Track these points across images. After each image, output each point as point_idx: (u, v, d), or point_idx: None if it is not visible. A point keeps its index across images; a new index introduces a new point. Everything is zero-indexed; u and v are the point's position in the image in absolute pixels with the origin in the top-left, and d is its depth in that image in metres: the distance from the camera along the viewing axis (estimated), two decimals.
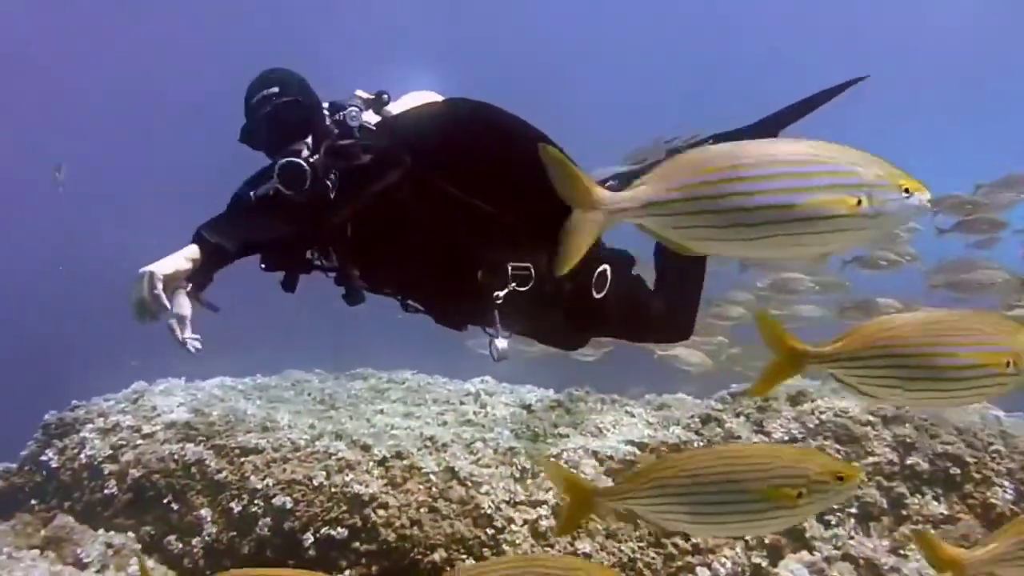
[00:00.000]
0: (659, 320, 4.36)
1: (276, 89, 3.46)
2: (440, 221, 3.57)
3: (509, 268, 3.66)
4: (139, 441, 5.53)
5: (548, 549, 4.87)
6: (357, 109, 3.52)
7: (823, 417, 5.54)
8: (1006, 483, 5.05)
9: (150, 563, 4.69)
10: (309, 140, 3.46)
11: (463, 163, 3.55)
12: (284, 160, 3.35)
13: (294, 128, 3.45)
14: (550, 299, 3.83)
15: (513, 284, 3.66)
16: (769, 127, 4.19)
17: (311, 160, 3.38)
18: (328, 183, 3.35)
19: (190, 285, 3.46)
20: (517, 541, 4.89)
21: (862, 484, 5.10)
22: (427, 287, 3.75)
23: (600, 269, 3.89)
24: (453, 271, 3.64)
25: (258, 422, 5.77)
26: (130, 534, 5.05)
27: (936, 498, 5.08)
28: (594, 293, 3.89)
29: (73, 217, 21.26)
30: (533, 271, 3.70)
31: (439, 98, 3.85)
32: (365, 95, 3.64)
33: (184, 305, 3.35)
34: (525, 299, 3.70)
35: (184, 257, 3.21)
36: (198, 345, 3.29)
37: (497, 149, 3.58)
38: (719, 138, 4.25)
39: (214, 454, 5.43)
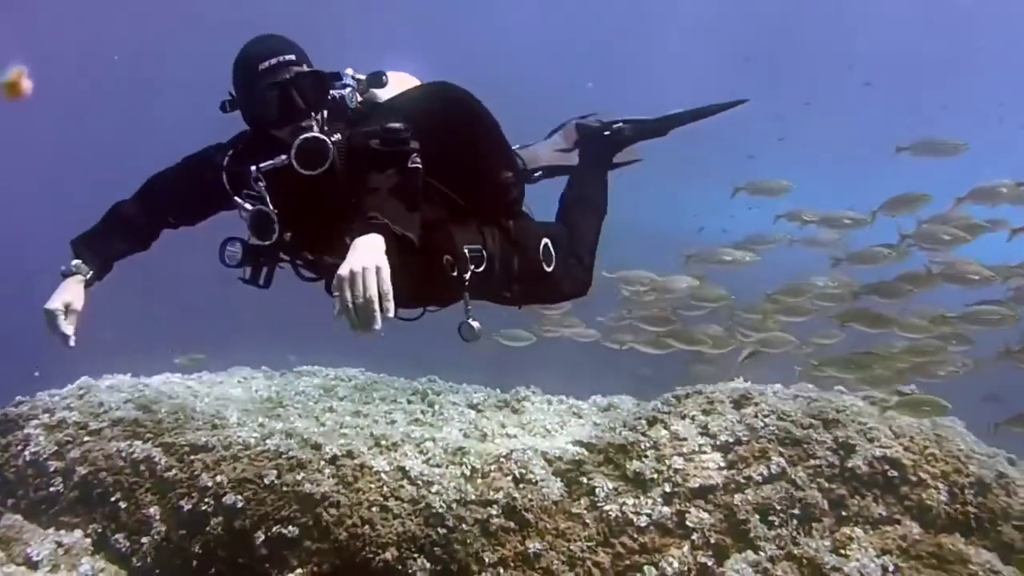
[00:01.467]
0: (579, 279, 4.51)
1: (292, 57, 3.34)
2: (426, 207, 3.55)
3: (467, 251, 3.71)
4: (86, 438, 5.46)
5: (499, 548, 4.93)
6: (351, 89, 3.49)
7: (766, 420, 5.66)
8: (940, 485, 5.22)
9: (100, 562, 4.64)
10: (320, 116, 3.36)
11: (442, 150, 3.51)
12: (309, 135, 3.26)
13: (312, 101, 3.34)
14: (505, 276, 3.91)
15: (472, 266, 3.71)
16: (667, 124, 4.89)
17: (333, 139, 3.30)
18: (417, 166, 3.23)
19: (91, 273, 3.48)
20: (468, 540, 4.93)
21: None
22: (407, 273, 3.70)
23: (544, 243, 4.03)
24: (428, 256, 3.66)
25: (207, 420, 5.74)
26: (77, 532, 4.98)
27: (875, 500, 5.23)
28: (544, 267, 4.01)
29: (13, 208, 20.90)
30: (484, 252, 3.76)
31: (416, 81, 3.86)
32: (357, 75, 3.58)
33: (78, 297, 3.33)
34: (483, 279, 3.76)
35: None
36: (72, 343, 3.26)
37: (468, 136, 3.65)
38: (629, 122, 4.88)
39: (163, 452, 5.39)
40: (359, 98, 3.58)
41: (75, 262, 3.49)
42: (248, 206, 3.49)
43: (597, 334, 8.67)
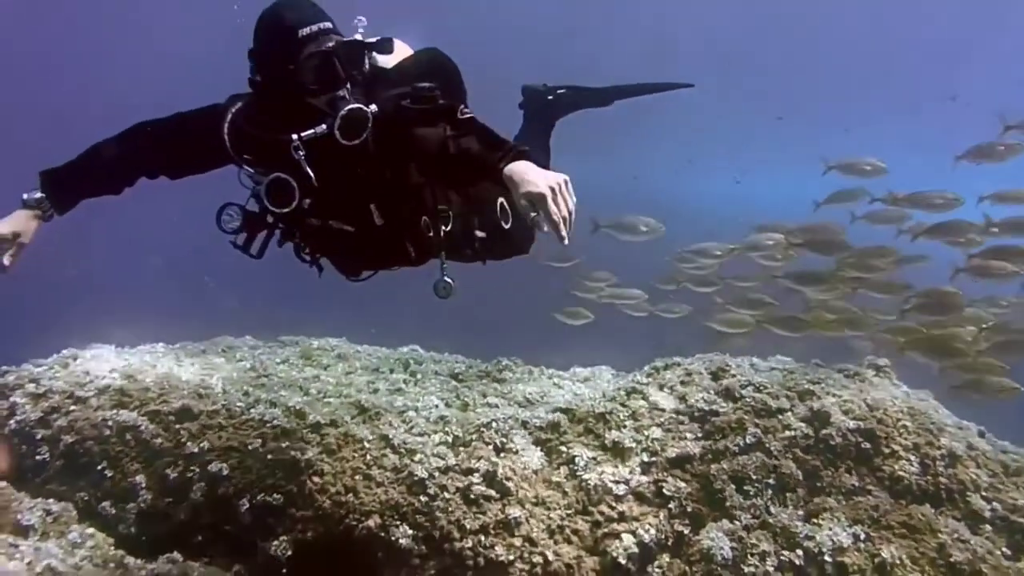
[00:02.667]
0: (527, 238, 4.70)
1: (329, 24, 3.38)
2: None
3: (438, 210, 3.82)
4: (72, 407, 5.47)
5: (480, 516, 5.01)
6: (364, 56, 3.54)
7: (743, 392, 5.76)
8: (912, 457, 5.33)
9: (88, 529, 4.70)
10: (348, 86, 3.43)
11: None
12: (353, 107, 3.33)
13: (349, 71, 3.41)
14: (466, 235, 3.99)
15: (443, 226, 3.81)
16: (611, 94, 5.25)
17: (371, 109, 3.37)
18: (471, 115, 3.38)
19: (51, 211, 3.48)
20: (450, 508, 5.02)
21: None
22: (393, 231, 3.81)
23: (500, 202, 4.14)
24: (410, 216, 3.78)
25: (192, 388, 5.77)
26: (65, 500, 5.01)
27: (848, 471, 5.33)
28: (503, 225, 4.14)
29: None
30: (450, 212, 3.85)
31: (407, 47, 3.92)
32: (366, 39, 3.57)
33: (28, 231, 3.34)
34: (453, 237, 3.92)
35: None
36: (6, 263, 3.25)
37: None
38: (573, 89, 5.27)
39: (148, 420, 5.42)
40: (367, 64, 3.64)
41: (38, 195, 3.47)
42: (249, 170, 3.55)
43: (649, 306, 8.91)
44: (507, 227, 4.16)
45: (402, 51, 3.89)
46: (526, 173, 2.95)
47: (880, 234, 8.16)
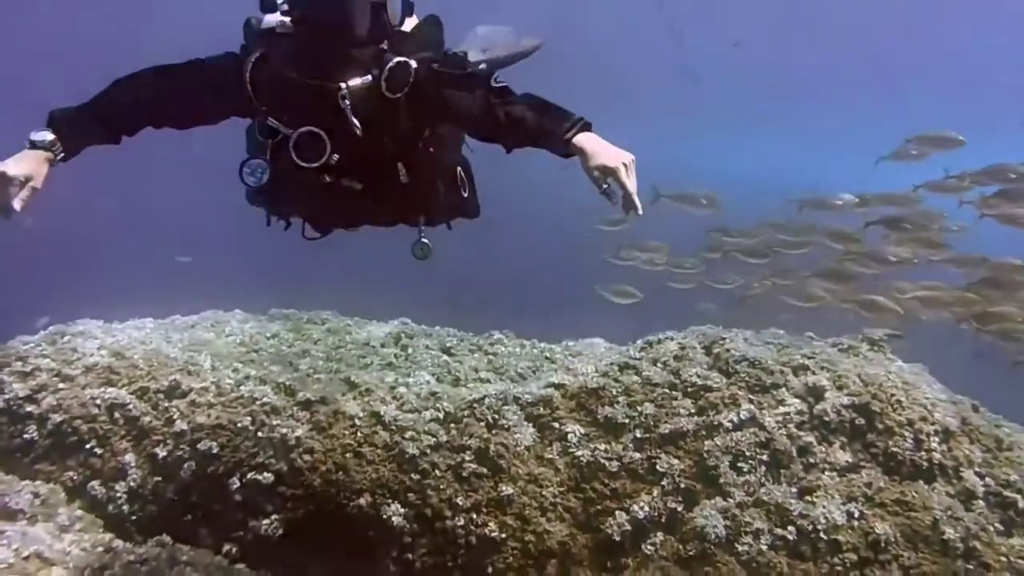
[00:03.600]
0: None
1: None
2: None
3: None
4: (60, 385, 5.41)
5: (472, 493, 4.98)
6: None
7: (738, 367, 5.72)
8: (906, 433, 5.30)
9: (77, 511, 4.67)
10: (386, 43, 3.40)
11: None
12: (400, 59, 3.33)
13: (394, 26, 3.39)
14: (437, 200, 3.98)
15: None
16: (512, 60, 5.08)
17: (415, 67, 3.37)
18: (505, 84, 3.40)
19: (63, 154, 3.21)
20: (442, 486, 4.99)
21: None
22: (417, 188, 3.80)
23: (458, 171, 4.13)
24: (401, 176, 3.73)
25: (181, 365, 5.72)
26: (53, 484, 4.97)
27: (842, 447, 5.31)
28: (462, 193, 4.15)
29: None
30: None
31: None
32: None
33: (40, 176, 3.10)
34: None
35: None
36: (16, 208, 3.01)
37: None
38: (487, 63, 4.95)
39: (137, 398, 5.38)
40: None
41: (50, 137, 3.19)
42: (275, 123, 3.44)
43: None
44: (466, 195, 4.17)
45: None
46: (598, 146, 3.07)
47: (937, 203, 8.28)
